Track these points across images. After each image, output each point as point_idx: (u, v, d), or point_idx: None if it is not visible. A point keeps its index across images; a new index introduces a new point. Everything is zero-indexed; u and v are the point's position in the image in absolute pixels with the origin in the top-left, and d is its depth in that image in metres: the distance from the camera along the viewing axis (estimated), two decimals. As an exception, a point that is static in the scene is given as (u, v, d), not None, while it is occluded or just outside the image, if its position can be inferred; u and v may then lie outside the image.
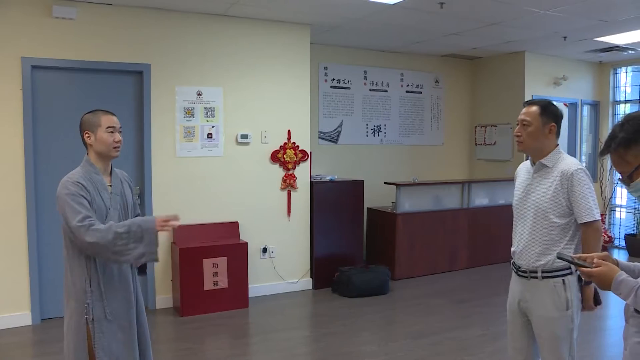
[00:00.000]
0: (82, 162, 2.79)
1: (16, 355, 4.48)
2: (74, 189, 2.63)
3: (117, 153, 2.81)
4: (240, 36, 5.80)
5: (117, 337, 2.73)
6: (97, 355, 2.67)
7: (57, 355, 4.22)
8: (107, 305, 2.69)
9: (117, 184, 2.86)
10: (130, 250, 2.62)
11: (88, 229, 2.56)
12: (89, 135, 2.75)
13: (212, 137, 5.71)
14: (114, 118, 2.80)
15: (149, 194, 5.47)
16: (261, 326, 5.16)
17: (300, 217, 6.20)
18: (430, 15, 5.64)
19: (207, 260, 5.36)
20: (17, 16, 4.93)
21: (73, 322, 2.70)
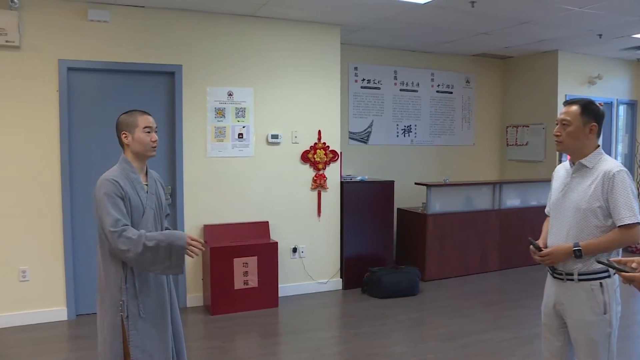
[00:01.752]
0: (119, 161, 2.82)
1: (53, 348, 4.59)
2: (111, 187, 2.67)
3: (153, 152, 2.85)
4: (271, 37, 5.83)
5: (151, 335, 2.76)
6: (132, 352, 2.70)
7: (92, 350, 4.27)
8: (141, 303, 2.73)
9: (152, 183, 2.90)
10: (157, 265, 2.67)
11: (120, 235, 2.59)
12: (126, 135, 2.79)
13: (243, 137, 5.75)
14: (150, 118, 2.83)
15: (180, 193, 5.53)
16: (290, 326, 5.18)
17: (331, 217, 6.20)
18: (461, 14, 5.59)
19: (237, 259, 5.40)
20: (55, 20, 5.05)
21: (108, 319, 2.73)
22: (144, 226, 2.76)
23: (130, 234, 2.61)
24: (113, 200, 2.65)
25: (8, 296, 5.04)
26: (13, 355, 4.42)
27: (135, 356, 2.70)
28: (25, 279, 5.09)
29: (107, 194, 2.65)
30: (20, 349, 4.56)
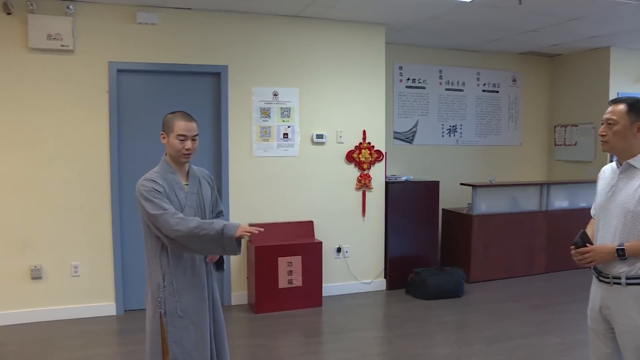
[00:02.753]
0: (160, 161, 2.89)
1: (101, 342, 4.73)
2: (150, 185, 2.73)
3: (186, 160, 2.86)
4: (315, 37, 5.85)
5: (189, 332, 2.80)
6: (170, 347, 2.76)
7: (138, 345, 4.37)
8: (178, 301, 2.77)
9: (193, 182, 2.92)
10: (208, 243, 2.65)
11: (172, 215, 2.63)
12: (164, 136, 2.85)
13: (288, 137, 5.78)
14: (190, 125, 2.82)
15: (226, 193, 5.60)
16: (334, 325, 5.18)
17: (375, 217, 6.18)
18: (508, 11, 5.48)
19: (282, 258, 5.44)
20: (105, 24, 5.21)
21: (150, 315, 2.81)
22: None
23: (179, 214, 2.65)
24: (154, 194, 2.71)
25: (61, 290, 5.23)
26: (65, 347, 4.58)
27: (173, 353, 2.76)
28: (76, 274, 5.26)
29: (146, 190, 2.72)
30: (71, 341, 4.72)
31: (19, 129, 5.07)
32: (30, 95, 5.08)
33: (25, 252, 5.13)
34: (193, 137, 2.83)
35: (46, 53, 5.07)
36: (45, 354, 4.44)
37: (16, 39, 4.99)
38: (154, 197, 2.69)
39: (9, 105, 5.04)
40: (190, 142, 2.81)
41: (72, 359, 4.35)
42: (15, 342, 4.70)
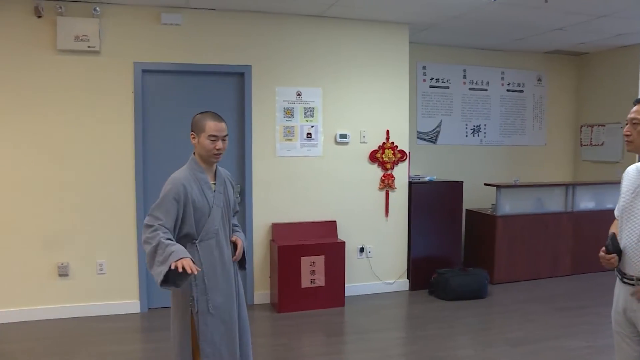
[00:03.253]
0: (189, 160, 2.92)
1: (126, 339, 4.79)
2: (174, 189, 2.77)
3: (216, 159, 2.89)
4: (339, 37, 5.85)
5: (220, 330, 2.84)
6: (201, 345, 2.80)
7: (162, 343, 4.46)
8: (210, 299, 2.81)
9: (220, 182, 2.96)
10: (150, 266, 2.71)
11: (154, 230, 2.69)
12: (194, 136, 2.88)
13: (311, 136, 5.79)
14: (220, 125, 2.86)
15: (249, 192, 5.63)
16: (356, 326, 5.17)
17: (398, 217, 6.16)
18: (533, 10, 5.42)
19: (304, 258, 5.44)
20: (131, 25, 5.29)
21: (179, 314, 2.84)
22: (210, 224, 2.86)
23: (153, 233, 2.68)
24: (168, 201, 2.76)
25: (86, 287, 5.32)
26: (90, 343, 4.65)
27: (204, 350, 2.80)
28: (102, 272, 5.34)
29: (166, 193, 2.77)
30: (96, 337, 4.80)
31: (47, 129, 5.17)
32: (58, 95, 5.18)
33: (53, 249, 5.23)
34: (223, 137, 2.87)
35: (73, 54, 5.17)
36: (70, 350, 4.51)
37: (45, 41, 5.10)
38: (162, 206, 2.75)
39: (38, 105, 5.15)
40: (220, 142, 2.85)
41: (97, 355, 4.41)
42: (41, 338, 4.79)
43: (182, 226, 2.81)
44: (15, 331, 4.96)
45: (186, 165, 2.90)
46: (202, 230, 2.84)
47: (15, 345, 4.62)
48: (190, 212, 2.79)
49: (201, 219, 2.82)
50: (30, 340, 4.73)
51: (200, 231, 2.83)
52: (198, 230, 2.83)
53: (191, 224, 2.81)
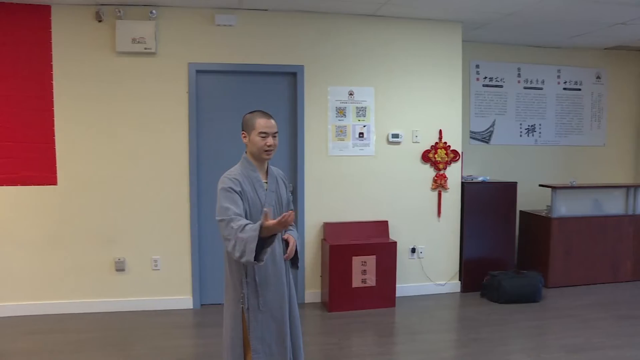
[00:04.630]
0: (241, 159, 2.94)
1: (179, 334, 4.90)
2: (229, 183, 2.79)
3: (267, 156, 2.90)
4: (391, 36, 5.81)
5: (270, 327, 2.86)
6: (252, 342, 2.82)
7: (214, 339, 4.52)
8: (261, 296, 2.83)
9: (272, 181, 2.98)
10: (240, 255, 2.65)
11: (228, 224, 2.68)
12: (245, 135, 2.90)
13: (364, 136, 5.78)
14: (270, 122, 2.88)
15: (302, 191, 5.66)
16: (407, 326, 5.13)
17: (451, 218, 6.08)
18: (593, 4, 5.22)
19: (356, 258, 5.43)
20: (186, 27, 5.40)
21: (230, 310, 2.87)
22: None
23: (233, 224, 2.65)
24: (230, 194, 2.76)
25: (142, 283, 5.47)
26: (144, 337, 4.78)
27: (255, 346, 2.82)
28: (157, 268, 5.47)
29: (223, 189, 2.78)
30: (150, 331, 4.93)
31: (106, 129, 5.35)
32: (117, 96, 5.35)
33: (111, 245, 5.41)
34: (274, 134, 2.88)
35: (131, 56, 5.32)
36: (125, 343, 4.66)
37: (105, 44, 5.29)
38: (225, 199, 2.75)
39: (98, 105, 5.33)
40: (271, 139, 2.87)
41: (151, 348, 4.53)
42: (98, 329, 4.97)
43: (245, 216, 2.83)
44: (74, 322, 5.16)
45: (238, 164, 2.93)
46: None
47: (74, 336, 4.81)
48: (246, 208, 2.82)
49: (253, 217, 2.83)
50: (88, 332, 4.91)
51: None
52: None
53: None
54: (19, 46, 5.19)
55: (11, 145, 5.23)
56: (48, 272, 5.36)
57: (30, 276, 5.34)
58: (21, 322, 5.16)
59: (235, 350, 2.84)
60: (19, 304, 5.32)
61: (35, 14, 5.19)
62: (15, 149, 5.24)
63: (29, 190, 5.30)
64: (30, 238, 5.32)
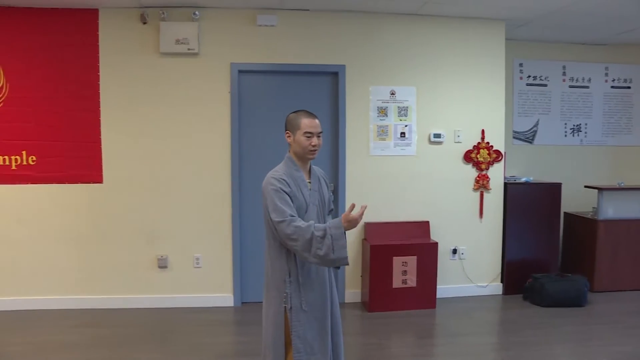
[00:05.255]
0: (285, 158, 2.95)
1: (219, 331, 4.96)
2: (279, 185, 2.78)
3: (312, 156, 2.90)
4: (433, 34, 5.76)
5: (312, 327, 2.86)
6: (293, 341, 2.82)
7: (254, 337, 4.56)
8: (303, 296, 2.83)
9: (315, 181, 2.98)
10: (320, 255, 2.66)
11: (289, 223, 2.68)
12: (289, 135, 2.90)
13: (405, 136, 5.74)
14: (315, 122, 2.88)
15: (343, 191, 5.66)
16: (448, 328, 5.08)
17: (493, 219, 5.98)
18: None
19: (397, 258, 5.41)
20: (227, 27, 5.46)
21: (272, 309, 2.87)
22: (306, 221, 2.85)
23: (299, 223, 2.69)
24: (281, 195, 2.77)
25: (184, 280, 5.57)
26: (185, 333, 4.86)
27: (296, 346, 2.82)
28: (198, 266, 5.56)
29: (274, 189, 2.78)
30: (191, 328, 5.01)
31: (150, 128, 5.47)
32: (160, 96, 5.45)
33: (154, 242, 5.52)
34: (318, 134, 2.89)
35: (174, 57, 5.42)
36: (166, 338, 4.76)
37: (150, 45, 5.40)
38: (278, 200, 2.75)
39: (143, 105, 5.45)
40: (316, 139, 2.87)
41: (192, 344, 4.60)
42: (140, 325, 5.09)
43: None
44: (118, 317, 5.29)
45: (282, 164, 2.94)
46: None
47: (118, 330, 4.94)
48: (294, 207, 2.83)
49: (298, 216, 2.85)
50: (131, 326, 5.03)
51: None
52: None
53: None
54: (68, 49, 5.36)
55: (60, 145, 5.39)
56: (93, 267, 5.51)
57: (77, 271, 5.50)
58: (68, 315, 5.33)
59: (277, 349, 2.85)
60: (66, 297, 5.49)
61: (84, 18, 5.35)
62: (63, 148, 5.40)
63: (76, 188, 5.45)
64: (77, 234, 5.48)
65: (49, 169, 5.41)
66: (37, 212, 5.45)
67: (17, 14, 5.30)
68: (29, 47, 5.33)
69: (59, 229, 5.47)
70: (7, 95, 5.34)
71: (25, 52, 5.33)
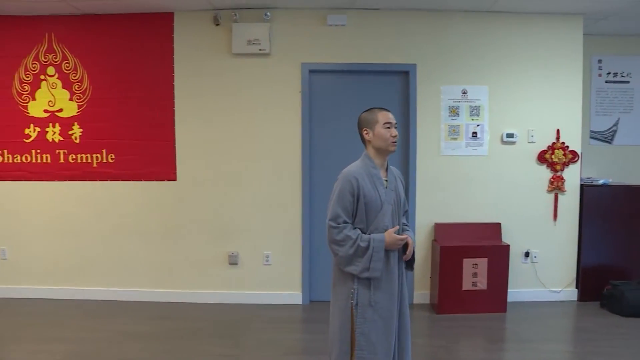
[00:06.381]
0: (362, 156, 2.97)
1: (288, 328, 5.03)
2: (347, 185, 2.82)
3: (394, 147, 2.92)
4: (506, 32, 5.61)
5: (378, 325, 2.84)
6: (357, 339, 2.82)
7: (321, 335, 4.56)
8: (372, 294, 2.83)
9: (392, 179, 2.98)
10: (358, 265, 2.79)
11: (341, 231, 2.77)
12: (367, 132, 2.92)
13: (477, 136, 5.63)
14: (390, 114, 2.93)
15: (413, 191, 5.61)
16: (518, 333, 4.92)
17: (568, 222, 5.77)
18: None
19: (467, 260, 5.31)
20: (298, 28, 5.53)
21: (339, 305, 2.89)
22: (381, 220, 2.86)
23: (348, 232, 2.78)
24: (343, 196, 2.81)
25: (254, 277, 5.68)
26: (254, 329, 4.97)
27: (359, 343, 2.82)
28: (267, 263, 5.65)
29: (341, 189, 2.82)
30: (260, 324, 5.11)
31: (221, 128, 5.61)
32: (232, 96, 5.59)
33: (225, 239, 5.66)
34: (395, 124, 2.93)
35: (246, 57, 5.53)
36: (237, 333, 4.86)
37: (222, 46, 5.53)
38: (339, 202, 2.82)
39: (215, 106, 5.60)
40: (394, 130, 2.91)
41: (260, 340, 4.68)
42: (211, 319, 5.23)
43: (353, 220, 2.87)
44: (190, 310, 5.47)
45: (359, 161, 2.96)
46: (372, 226, 2.86)
47: (190, 324, 5.10)
48: (362, 206, 2.83)
49: (371, 214, 2.85)
50: (202, 321, 5.18)
51: (370, 226, 2.86)
52: (369, 225, 2.86)
53: (362, 219, 2.85)
54: (145, 51, 5.59)
55: (136, 144, 5.61)
56: (167, 262, 5.72)
57: (152, 265, 5.73)
58: (144, 307, 5.57)
59: (342, 346, 2.86)
60: (142, 290, 5.73)
61: (159, 21, 5.55)
62: (140, 147, 5.62)
63: (151, 185, 5.67)
64: (153, 230, 5.70)
65: (126, 167, 5.65)
66: (115, 208, 5.72)
67: (99, 21, 5.58)
68: (109, 50, 5.60)
69: (135, 224, 5.71)
70: (90, 97, 5.61)
71: (106, 55, 5.60)
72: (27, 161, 5.71)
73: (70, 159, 5.69)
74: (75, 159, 5.69)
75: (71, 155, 5.68)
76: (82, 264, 5.78)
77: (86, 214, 5.74)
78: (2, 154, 5.72)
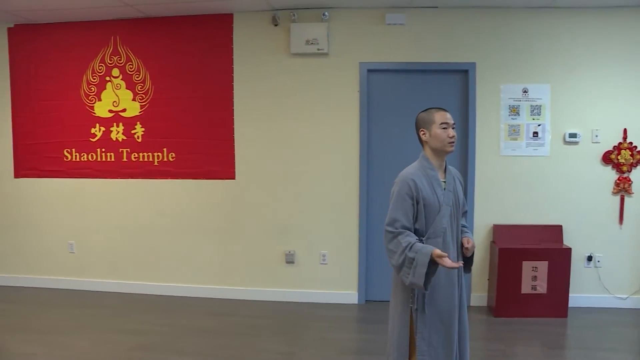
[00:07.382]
0: (419, 157, 2.94)
1: (343, 328, 5.04)
2: (405, 188, 2.79)
3: (451, 148, 2.88)
4: (569, 28, 5.44)
5: (438, 329, 2.82)
6: (418, 344, 2.80)
7: (377, 335, 4.60)
8: (431, 298, 2.80)
9: (450, 180, 2.94)
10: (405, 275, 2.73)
11: (395, 237, 2.74)
12: (424, 132, 2.89)
13: (538, 135, 5.49)
14: (447, 114, 2.88)
15: (472, 191, 5.53)
16: (579, 340, 4.76)
17: (635, 225, 5.53)
18: None
19: (526, 262, 5.19)
20: (356, 27, 5.53)
21: (399, 309, 2.87)
22: (439, 222, 2.82)
23: (401, 239, 2.73)
24: (402, 200, 2.78)
25: (311, 275, 5.72)
26: (310, 327, 5.02)
27: (420, 348, 2.80)
28: (324, 262, 5.68)
29: (399, 192, 2.80)
30: (316, 323, 5.14)
31: (280, 127, 5.69)
32: (290, 96, 5.65)
33: (283, 238, 5.73)
34: (453, 125, 2.88)
35: (304, 57, 5.57)
36: (293, 331, 4.92)
37: (281, 46, 5.60)
38: (398, 206, 2.79)
39: (273, 105, 5.68)
40: (452, 130, 2.87)
41: (317, 339, 4.72)
42: (270, 317, 5.31)
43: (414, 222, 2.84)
44: (249, 308, 5.57)
45: (416, 162, 2.94)
46: (430, 228, 2.83)
47: (249, 320, 5.20)
48: (421, 208, 2.81)
49: (430, 216, 2.82)
50: (261, 318, 5.27)
51: (429, 228, 2.83)
52: (427, 227, 2.83)
53: (421, 221, 2.82)
54: (204, 52, 5.71)
55: (197, 142, 5.75)
56: (227, 259, 5.85)
57: (213, 262, 5.87)
58: (205, 303, 5.72)
59: (401, 349, 2.85)
60: (204, 286, 5.89)
61: (219, 23, 5.66)
62: (200, 146, 5.76)
63: (210, 183, 5.80)
64: (213, 228, 5.84)
65: (186, 165, 5.80)
66: (175, 206, 5.88)
67: (161, 23, 5.76)
68: (170, 51, 5.76)
69: (194, 222, 5.85)
70: (152, 97, 5.79)
71: (167, 56, 5.77)
72: (92, 159, 5.95)
73: (133, 158, 5.89)
74: (137, 158, 5.88)
75: (134, 153, 5.88)
76: (144, 259, 5.98)
77: (148, 211, 5.93)
78: (71, 152, 5.98)
